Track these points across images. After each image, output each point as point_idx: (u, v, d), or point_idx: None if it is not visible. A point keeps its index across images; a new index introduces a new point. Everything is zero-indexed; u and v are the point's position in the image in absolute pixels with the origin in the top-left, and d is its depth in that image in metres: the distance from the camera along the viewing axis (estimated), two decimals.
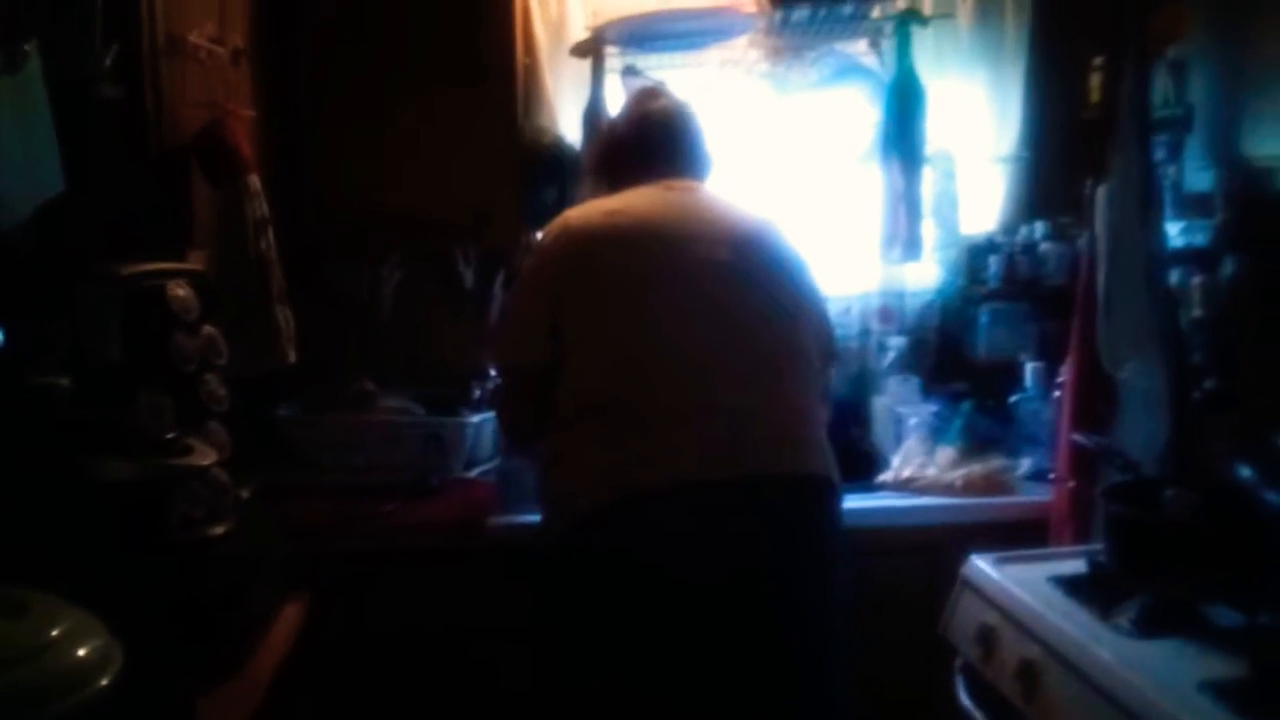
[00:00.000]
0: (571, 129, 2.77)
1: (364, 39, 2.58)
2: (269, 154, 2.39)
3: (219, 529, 1.60)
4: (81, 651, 1.03)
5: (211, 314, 1.76)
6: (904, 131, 2.55)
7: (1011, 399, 2.63)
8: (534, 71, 2.82)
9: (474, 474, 2.65)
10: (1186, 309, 2.20)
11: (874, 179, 2.65)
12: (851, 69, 2.71)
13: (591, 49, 2.66)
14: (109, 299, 1.60)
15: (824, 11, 2.44)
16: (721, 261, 1.94)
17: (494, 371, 2.72)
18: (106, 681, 1.01)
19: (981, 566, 2.01)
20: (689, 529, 1.77)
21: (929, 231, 2.71)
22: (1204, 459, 2.05)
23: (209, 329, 1.75)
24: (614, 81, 2.67)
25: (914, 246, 2.59)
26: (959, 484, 2.43)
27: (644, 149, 2.13)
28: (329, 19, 2.58)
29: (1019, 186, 2.92)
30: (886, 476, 2.50)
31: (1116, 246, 2.14)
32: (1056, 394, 2.45)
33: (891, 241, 2.59)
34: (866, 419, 2.74)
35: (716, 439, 1.81)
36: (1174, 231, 2.24)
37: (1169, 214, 2.22)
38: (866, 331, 2.89)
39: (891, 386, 2.73)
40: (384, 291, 2.88)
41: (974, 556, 2.05)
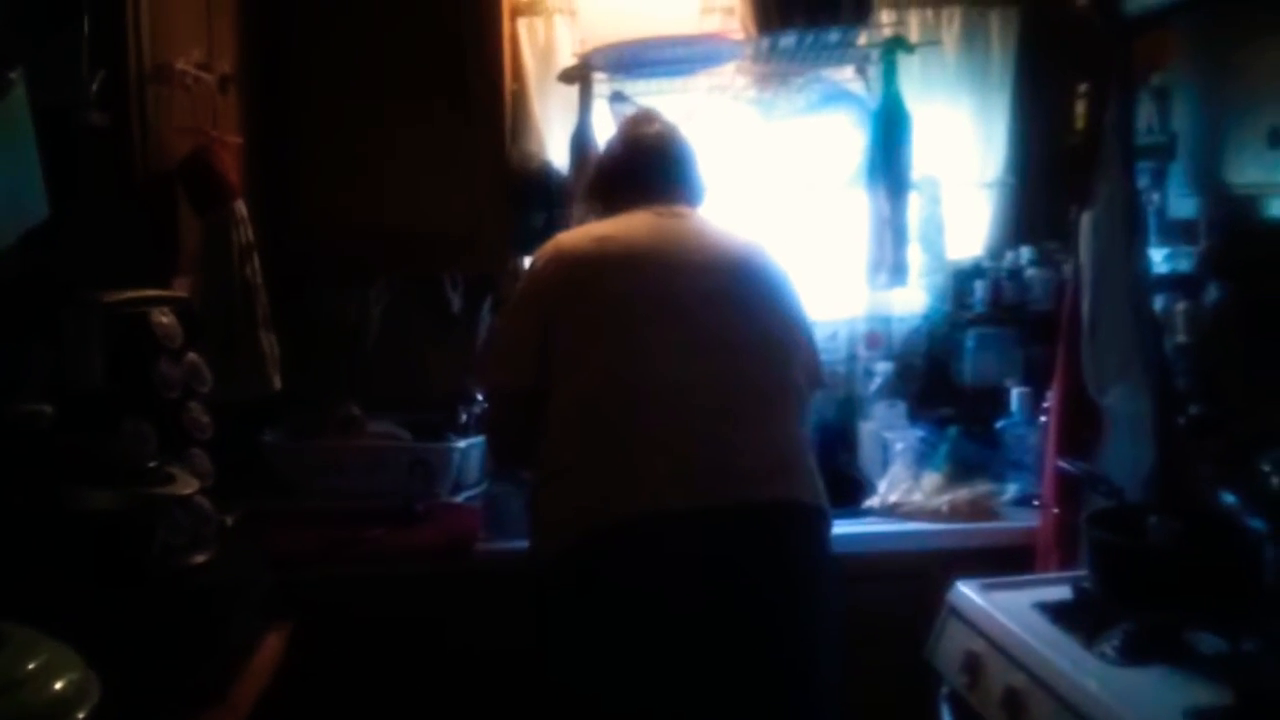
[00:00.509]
0: (559, 154, 2.77)
1: (352, 65, 2.58)
2: (256, 180, 2.39)
3: (200, 557, 1.60)
4: (58, 685, 1.02)
5: (195, 341, 1.76)
6: (890, 157, 2.56)
7: (998, 424, 2.63)
8: (522, 97, 2.83)
9: (460, 499, 2.64)
10: (1171, 335, 2.22)
11: (860, 204, 2.66)
12: (838, 95, 2.72)
13: (579, 75, 2.66)
14: (92, 326, 1.59)
15: (810, 38, 2.44)
16: (712, 288, 1.94)
17: (482, 395, 2.72)
18: (83, 715, 1.01)
19: (967, 593, 2.01)
20: (678, 556, 1.77)
21: (915, 257, 2.72)
22: (1189, 485, 2.06)
23: (192, 356, 1.74)
24: (602, 107, 2.68)
25: (900, 272, 2.59)
26: (945, 509, 2.43)
27: (636, 174, 2.13)
28: (317, 45, 2.59)
29: (1005, 212, 2.95)
30: (873, 502, 2.50)
31: (1101, 273, 2.15)
32: (1042, 419, 2.45)
33: (878, 267, 2.60)
34: (853, 444, 2.75)
35: (706, 467, 1.81)
36: (1158, 258, 2.25)
37: (1153, 240, 2.23)
38: (853, 357, 2.90)
39: (878, 411, 2.73)
40: (371, 316, 2.88)
41: (959, 583, 2.05)
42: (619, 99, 2.64)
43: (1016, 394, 2.61)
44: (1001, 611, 1.90)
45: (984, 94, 2.90)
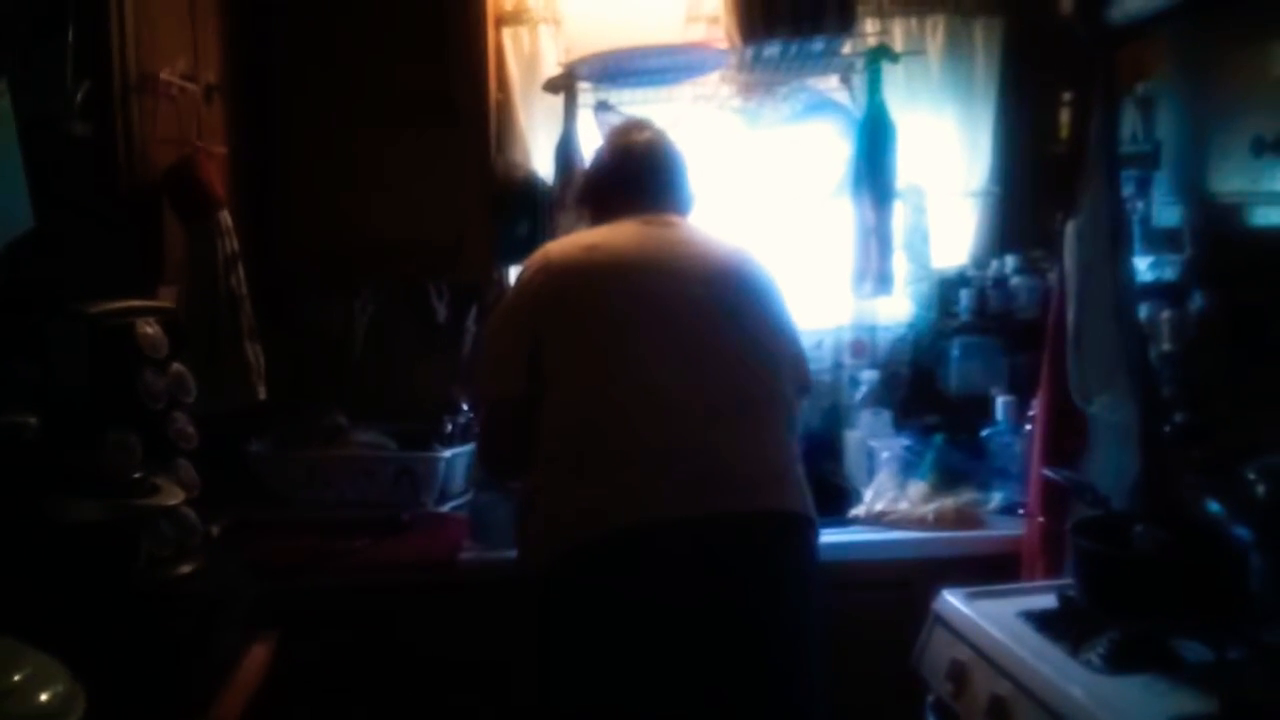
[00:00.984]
0: (544, 164, 2.78)
1: (336, 75, 2.58)
2: (241, 190, 2.38)
3: (186, 568, 1.59)
4: (44, 696, 1.02)
5: (180, 351, 1.75)
6: (875, 167, 2.57)
7: (983, 433, 2.64)
8: (507, 106, 2.84)
9: (446, 509, 2.64)
10: (1156, 343, 2.22)
11: (845, 214, 2.66)
12: (823, 104, 2.73)
13: (564, 84, 2.66)
14: (77, 336, 1.59)
15: (795, 48, 2.45)
16: (701, 297, 1.94)
17: (469, 405, 2.72)
18: None
19: (953, 602, 2.01)
20: (668, 565, 1.77)
21: (901, 266, 2.73)
22: (1174, 493, 2.07)
23: (177, 366, 1.73)
24: (587, 116, 2.68)
25: (885, 281, 2.60)
26: (931, 518, 2.43)
27: (625, 182, 2.13)
28: (302, 55, 2.59)
29: (990, 221, 2.96)
30: (859, 510, 2.50)
31: (1086, 281, 2.16)
32: (1028, 428, 2.46)
33: (863, 276, 2.60)
34: (839, 453, 2.75)
35: (695, 476, 1.81)
36: (1143, 266, 2.25)
37: (1138, 249, 2.23)
38: (839, 365, 2.91)
39: (864, 420, 2.74)
40: (356, 326, 2.88)
41: (945, 591, 2.05)
42: (604, 108, 2.65)
43: (1001, 402, 2.62)
44: (987, 620, 1.90)
45: (968, 103, 2.91)
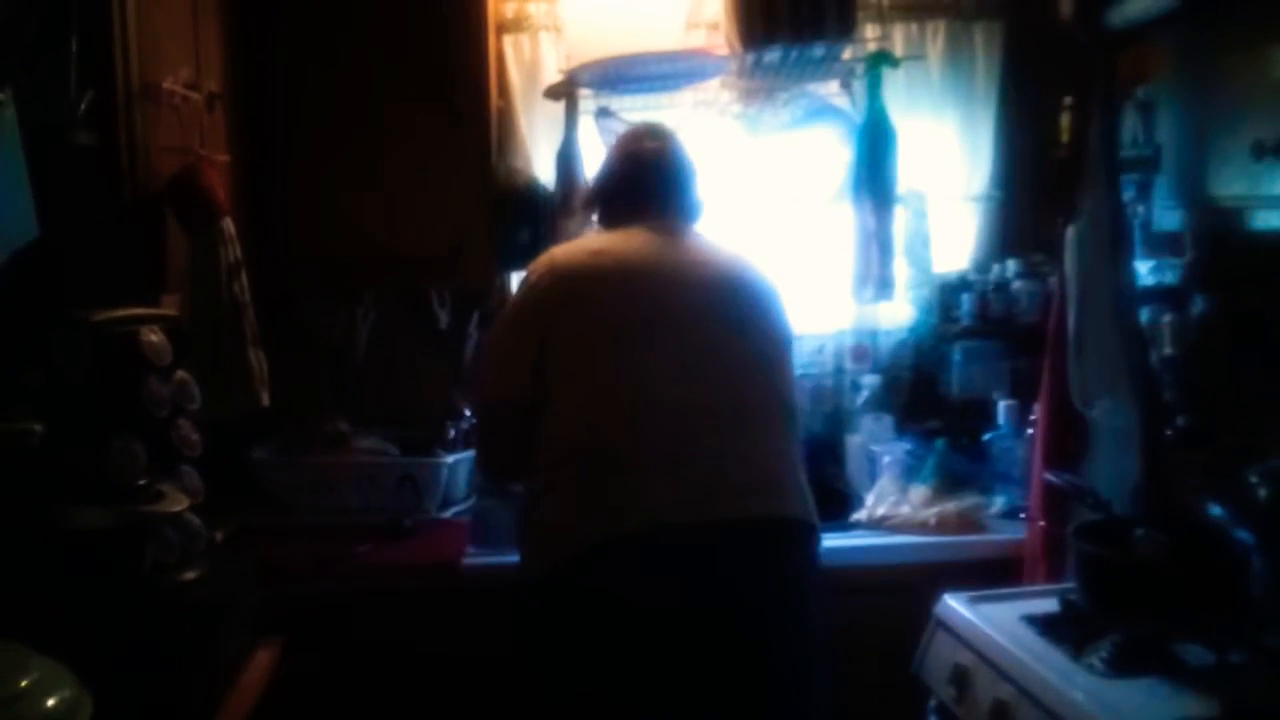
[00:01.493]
0: (545, 170, 2.78)
1: (339, 82, 2.59)
2: (244, 197, 2.39)
3: (191, 574, 1.60)
4: (50, 702, 1.03)
5: (184, 359, 1.76)
6: (875, 172, 2.57)
7: (985, 437, 2.65)
8: (508, 113, 2.85)
9: (449, 514, 2.65)
10: (1157, 347, 2.23)
11: (846, 219, 2.66)
12: (823, 110, 2.73)
13: (565, 91, 2.67)
14: (82, 344, 1.59)
15: (796, 54, 2.45)
16: (706, 305, 1.95)
17: (472, 410, 2.72)
18: None
19: (955, 606, 2.01)
20: (672, 570, 1.77)
21: (902, 270, 2.73)
22: (1175, 497, 2.07)
23: (181, 374, 1.74)
24: (588, 123, 2.68)
25: (886, 286, 2.60)
26: (933, 522, 2.44)
27: (632, 189, 2.12)
28: (304, 63, 2.60)
29: (991, 225, 2.97)
30: (861, 515, 2.50)
31: (1086, 285, 2.16)
32: (1029, 432, 2.46)
33: (864, 281, 2.60)
34: (840, 457, 2.75)
35: (699, 483, 1.81)
36: (1144, 270, 2.26)
37: (1138, 253, 2.23)
38: (840, 370, 2.91)
39: (865, 425, 2.74)
40: (358, 332, 2.88)
41: (947, 596, 2.05)
42: (605, 115, 2.65)
43: (1003, 407, 2.62)
44: (989, 624, 1.91)
45: (969, 108, 2.92)
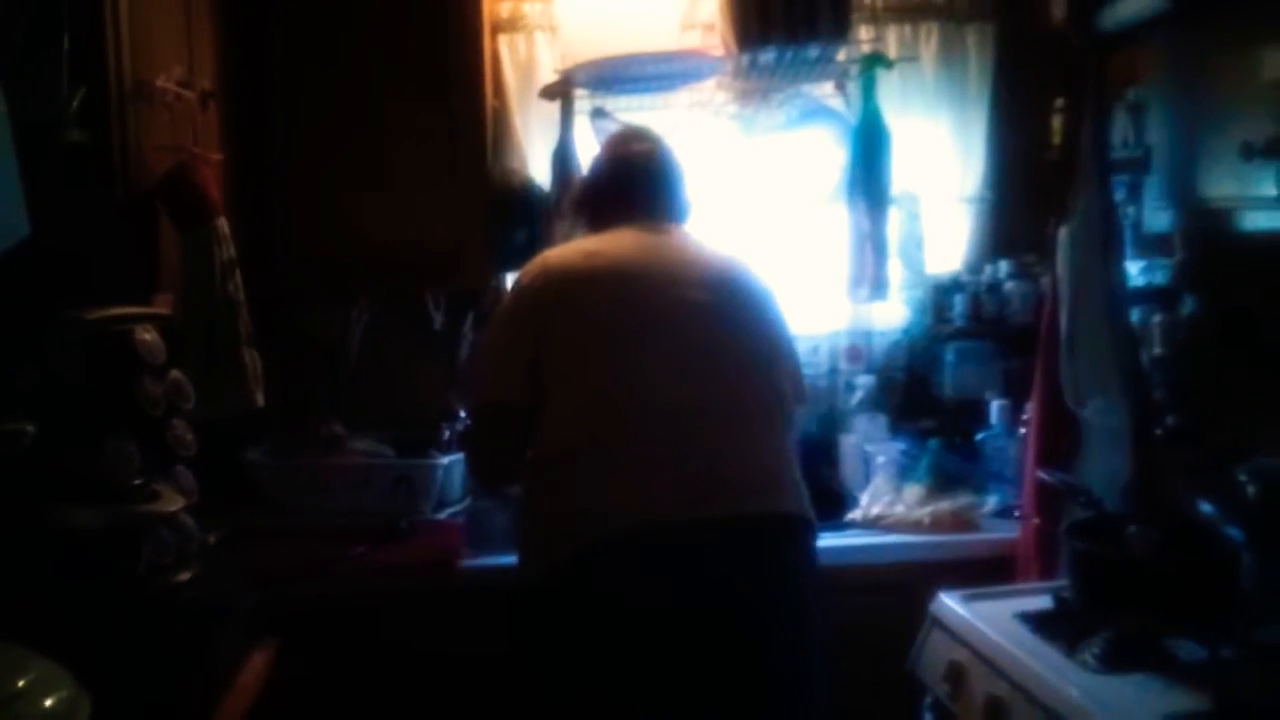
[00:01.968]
0: (541, 170, 2.78)
1: (333, 82, 2.59)
2: (237, 196, 2.39)
3: (185, 575, 1.59)
4: (49, 702, 1.03)
5: (178, 358, 1.76)
6: (870, 172, 2.57)
7: (978, 436, 2.66)
8: (503, 113, 2.84)
9: (444, 516, 2.64)
10: (1147, 347, 2.24)
11: (841, 219, 2.67)
12: (818, 111, 2.74)
13: (560, 91, 2.67)
14: (75, 343, 1.59)
15: (791, 55, 2.45)
16: (700, 304, 1.95)
17: (466, 411, 2.72)
18: None
19: (950, 604, 2.02)
20: (671, 569, 1.77)
21: (895, 271, 2.74)
22: (1166, 494, 2.09)
23: (176, 373, 1.74)
24: (583, 123, 2.69)
25: (881, 286, 2.61)
26: (927, 521, 2.45)
27: (623, 191, 2.13)
28: (298, 61, 2.59)
29: (983, 226, 2.98)
30: (855, 514, 2.51)
31: (1079, 286, 2.17)
32: (1022, 431, 2.47)
33: (859, 281, 2.61)
34: (835, 457, 2.76)
35: (695, 482, 1.82)
36: (1134, 271, 2.27)
37: (1129, 253, 2.25)
38: (835, 370, 2.91)
39: (859, 425, 2.75)
40: (352, 334, 2.88)
41: (942, 594, 2.06)
42: (600, 115, 2.65)
43: (996, 406, 2.63)
44: (984, 621, 1.92)
45: (962, 109, 2.93)
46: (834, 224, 2.74)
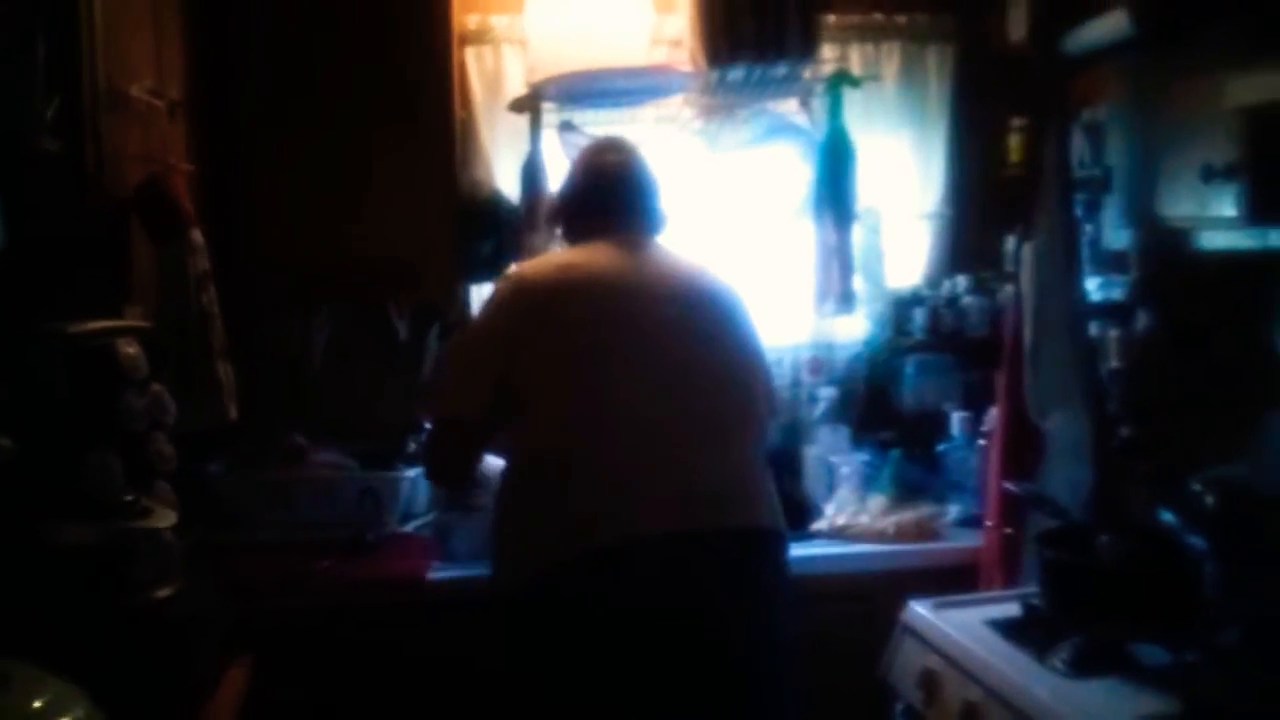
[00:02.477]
0: (508, 182, 2.79)
1: (300, 93, 2.57)
2: (203, 207, 2.36)
3: (166, 591, 1.57)
4: None
5: (159, 372, 1.74)
6: (836, 188, 2.61)
7: (939, 447, 2.70)
8: (471, 126, 2.84)
9: (410, 528, 2.63)
10: (1104, 361, 2.30)
11: (807, 234, 2.71)
12: (783, 127, 2.76)
13: (529, 104, 2.68)
14: (56, 357, 1.57)
15: (758, 72, 2.49)
16: (675, 318, 1.96)
17: (428, 422, 2.71)
18: None
19: (921, 612, 2.06)
20: (646, 582, 1.79)
21: (858, 285, 2.78)
22: (1124, 505, 2.14)
23: (157, 387, 1.72)
24: (551, 136, 2.70)
25: (848, 300, 2.65)
26: (891, 531, 2.49)
27: (596, 203, 2.13)
28: (264, 72, 2.57)
29: (942, 241, 3.03)
30: (821, 525, 2.54)
31: (1042, 302, 2.23)
32: (981, 442, 2.53)
33: (825, 295, 2.65)
34: (798, 468, 2.79)
35: (670, 495, 1.83)
36: (1092, 287, 2.33)
37: (1087, 270, 2.31)
38: (797, 383, 2.94)
39: (823, 436, 2.78)
40: (315, 342, 2.86)
41: (913, 602, 2.10)
42: (568, 128, 2.66)
43: (957, 418, 2.68)
44: (955, 629, 1.95)
45: (922, 127, 2.99)
46: (800, 239, 2.77)
